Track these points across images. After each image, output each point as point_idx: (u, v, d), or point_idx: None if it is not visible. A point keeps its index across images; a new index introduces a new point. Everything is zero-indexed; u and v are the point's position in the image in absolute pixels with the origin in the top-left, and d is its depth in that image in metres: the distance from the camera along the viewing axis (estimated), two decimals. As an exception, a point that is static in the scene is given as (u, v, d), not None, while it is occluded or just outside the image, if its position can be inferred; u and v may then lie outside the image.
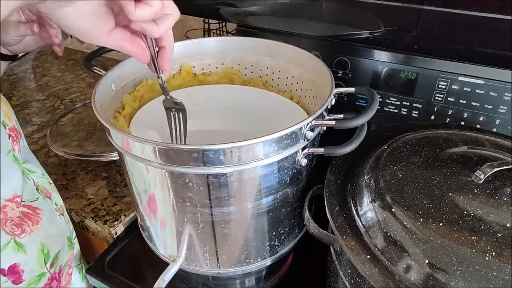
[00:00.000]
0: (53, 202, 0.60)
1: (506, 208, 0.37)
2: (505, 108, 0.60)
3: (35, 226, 0.53)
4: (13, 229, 0.50)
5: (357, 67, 0.69)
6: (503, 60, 0.58)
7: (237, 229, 0.48)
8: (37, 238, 0.54)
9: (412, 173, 0.43)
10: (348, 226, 0.41)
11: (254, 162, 0.42)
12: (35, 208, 0.54)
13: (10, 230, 0.50)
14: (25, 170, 0.56)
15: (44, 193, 0.58)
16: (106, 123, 0.43)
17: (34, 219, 0.53)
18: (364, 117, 0.44)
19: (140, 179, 0.48)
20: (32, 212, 0.53)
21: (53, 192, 0.61)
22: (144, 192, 0.49)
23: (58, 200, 0.61)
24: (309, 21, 0.70)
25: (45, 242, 0.55)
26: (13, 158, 0.51)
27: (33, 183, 0.57)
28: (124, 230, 0.69)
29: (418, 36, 0.61)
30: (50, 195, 0.59)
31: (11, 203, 0.50)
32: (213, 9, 0.79)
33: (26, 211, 0.53)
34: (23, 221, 0.52)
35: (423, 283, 0.34)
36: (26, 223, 0.52)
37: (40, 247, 0.54)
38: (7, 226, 0.50)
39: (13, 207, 0.51)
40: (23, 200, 0.53)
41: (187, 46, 0.66)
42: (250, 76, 0.68)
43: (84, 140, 0.83)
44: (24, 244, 0.51)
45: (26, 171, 0.57)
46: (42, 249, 0.54)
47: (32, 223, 0.53)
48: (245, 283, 0.62)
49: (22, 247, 0.51)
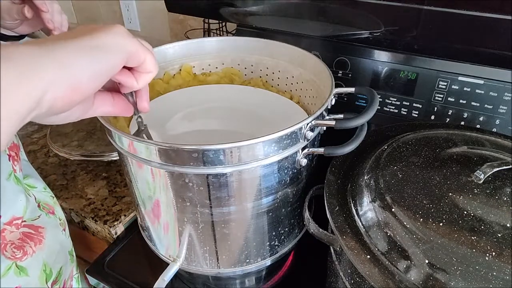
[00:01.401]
0: (57, 217, 0.58)
1: (506, 208, 0.37)
2: (505, 108, 0.60)
3: (37, 246, 0.52)
4: (14, 252, 0.49)
5: (357, 67, 0.69)
6: (503, 60, 0.58)
7: (237, 229, 0.48)
8: (39, 258, 0.52)
9: (412, 173, 0.43)
10: (348, 226, 0.41)
11: (254, 162, 0.42)
12: (37, 227, 0.53)
13: (11, 254, 0.48)
14: (26, 187, 0.55)
15: (46, 209, 0.56)
16: (106, 123, 0.43)
17: (36, 239, 0.52)
18: (364, 117, 0.44)
19: (140, 179, 0.48)
20: (34, 232, 0.52)
21: (56, 206, 0.59)
22: (144, 192, 0.49)
23: (60, 214, 0.60)
24: (309, 21, 0.70)
25: (47, 261, 0.53)
26: (15, 180, 0.49)
27: (35, 200, 0.55)
28: (124, 230, 0.69)
29: (418, 36, 0.61)
30: (53, 210, 0.58)
31: (9, 226, 0.49)
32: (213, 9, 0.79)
33: (28, 232, 0.51)
34: (25, 242, 0.50)
35: (423, 283, 0.34)
36: (28, 244, 0.50)
37: (43, 268, 0.53)
38: (7, 250, 0.48)
39: (12, 229, 0.49)
40: (24, 220, 0.51)
41: (187, 46, 0.66)
42: (250, 76, 0.68)
43: (84, 140, 0.83)
44: (26, 267, 0.50)
45: (27, 187, 0.55)
46: (44, 270, 0.53)
47: (34, 243, 0.51)
48: (245, 283, 0.62)
49: (24, 271, 0.50)
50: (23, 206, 0.51)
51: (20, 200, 0.50)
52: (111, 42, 0.30)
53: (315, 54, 0.61)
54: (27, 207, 0.52)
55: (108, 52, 0.30)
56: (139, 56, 0.33)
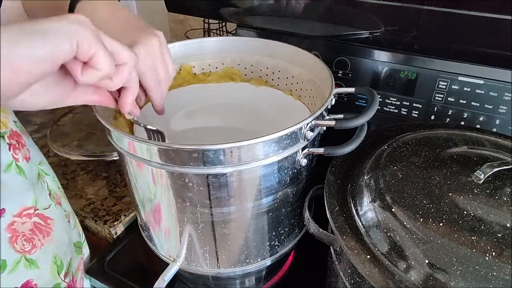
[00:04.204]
0: (63, 208, 0.57)
1: (506, 208, 0.37)
2: (505, 108, 0.60)
3: (46, 239, 0.51)
4: (23, 245, 0.48)
5: (357, 67, 0.69)
6: (503, 60, 0.58)
7: (237, 229, 0.48)
8: (48, 250, 0.52)
9: (412, 173, 0.43)
10: (348, 226, 0.41)
11: (254, 162, 0.42)
12: (47, 218, 0.52)
13: (21, 247, 0.48)
14: (41, 172, 0.54)
15: (55, 199, 0.56)
16: (106, 124, 0.43)
17: (44, 231, 0.51)
18: (364, 117, 0.44)
19: (140, 180, 0.48)
20: (43, 223, 0.51)
21: (62, 198, 0.59)
22: (144, 193, 0.49)
23: (66, 206, 0.59)
24: (309, 21, 0.70)
25: (58, 253, 0.53)
26: (16, 170, 0.48)
27: (47, 187, 0.54)
28: (124, 230, 0.69)
29: (418, 36, 0.61)
30: (60, 201, 0.57)
31: (19, 218, 0.48)
32: (213, 9, 0.79)
33: (39, 222, 0.50)
34: (34, 234, 0.50)
35: (423, 283, 0.34)
36: (37, 237, 0.50)
37: (53, 260, 0.52)
38: (17, 243, 0.48)
39: (23, 220, 0.48)
40: (37, 209, 0.50)
41: (187, 46, 0.66)
42: (250, 76, 0.68)
43: (84, 140, 0.83)
44: (36, 259, 0.50)
45: (43, 174, 0.54)
46: (55, 261, 0.52)
47: (43, 236, 0.51)
48: (245, 283, 0.62)
49: (34, 263, 0.49)
50: (31, 196, 0.50)
51: (28, 190, 0.49)
52: (58, 28, 0.29)
53: (315, 54, 0.61)
54: (39, 195, 0.51)
55: (52, 37, 0.29)
56: (88, 48, 0.31)
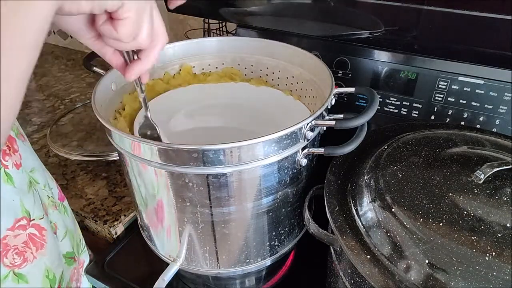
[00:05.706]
0: (49, 219, 0.54)
1: (506, 208, 0.37)
2: (505, 108, 0.60)
3: (38, 252, 0.49)
4: (14, 259, 0.47)
5: (357, 67, 0.69)
6: (503, 60, 0.58)
7: (237, 229, 0.48)
8: (41, 264, 0.50)
9: (412, 173, 0.43)
10: (348, 226, 0.41)
11: (254, 162, 0.42)
12: (42, 229, 0.50)
13: (11, 261, 0.46)
14: (32, 180, 0.51)
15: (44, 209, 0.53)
16: (106, 124, 0.43)
17: (38, 243, 0.49)
18: (364, 117, 0.44)
19: (140, 179, 0.48)
20: (38, 235, 0.49)
21: (49, 208, 0.55)
22: (144, 193, 0.49)
23: (53, 216, 0.56)
24: (309, 21, 0.70)
25: (50, 266, 0.51)
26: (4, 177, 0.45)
27: (39, 196, 0.52)
28: (124, 230, 0.69)
29: (418, 36, 0.61)
30: (46, 211, 0.54)
31: (11, 231, 0.46)
32: (213, 9, 0.79)
33: (33, 233, 0.49)
34: (27, 247, 0.48)
35: (423, 283, 0.34)
36: (30, 250, 0.48)
37: (45, 273, 0.50)
38: (7, 257, 0.46)
39: (16, 233, 0.47)
40: (33, 219, 0.49)
41: (187, 46, 0.66)
42: (250, 76, 0.68)
43: (84, 140, 0.83)
44: (25, 274, 0.48)
45: (34, 182, 0.52)
46: (47, 275, 0.51)
47: (36, 248, 0.49)
48: (245, 283, 0.62)
49: (22, 278, 0.47)
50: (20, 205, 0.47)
51: (14, 200, 0.47)
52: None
53: (315, 54, 0.61)
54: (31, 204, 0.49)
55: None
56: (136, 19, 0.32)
